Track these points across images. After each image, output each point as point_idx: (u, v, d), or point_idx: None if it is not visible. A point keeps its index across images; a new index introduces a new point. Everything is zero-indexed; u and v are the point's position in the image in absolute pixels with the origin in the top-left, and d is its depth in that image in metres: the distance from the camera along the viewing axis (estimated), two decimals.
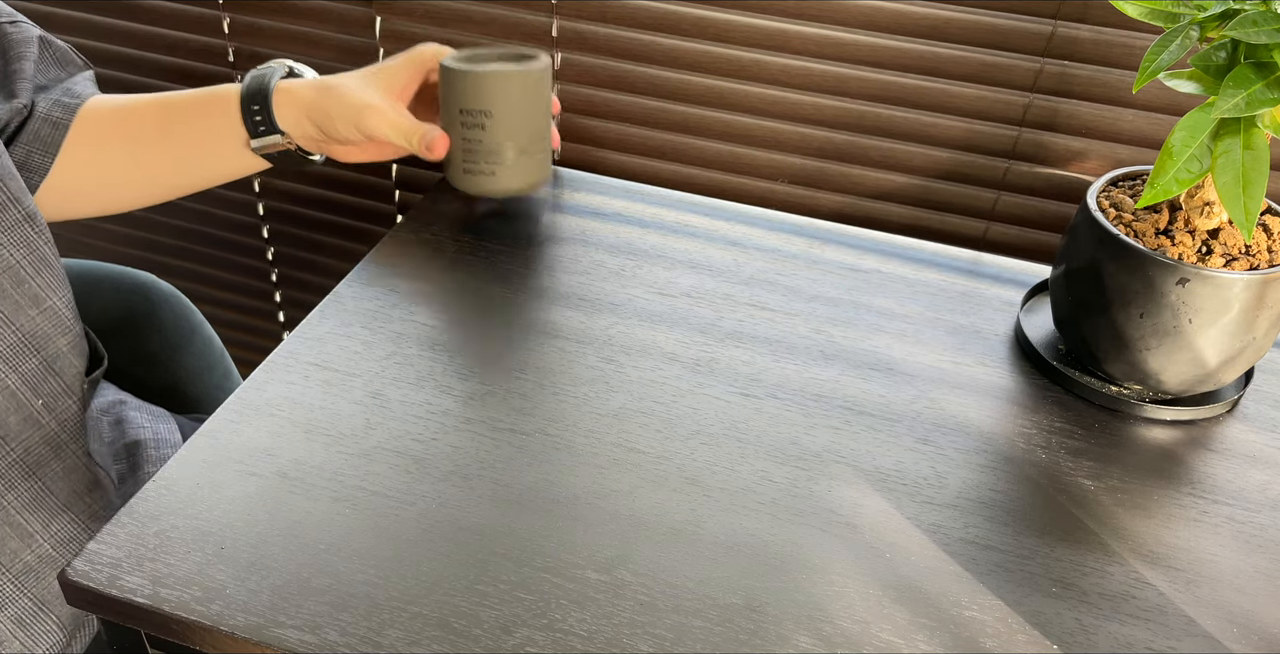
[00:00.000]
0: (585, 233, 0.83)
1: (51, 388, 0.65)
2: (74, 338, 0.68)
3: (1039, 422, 0.68)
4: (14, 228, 0.63)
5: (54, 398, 0.65)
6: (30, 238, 0.64)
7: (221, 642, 0.52)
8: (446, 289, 0.76)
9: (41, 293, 0.65)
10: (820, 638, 0.54)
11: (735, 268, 0.80)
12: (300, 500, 0.59)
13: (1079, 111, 0.81)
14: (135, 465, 0.75)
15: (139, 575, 0.54)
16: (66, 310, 0.67)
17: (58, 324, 0.66)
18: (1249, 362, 0.67)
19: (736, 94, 0.88)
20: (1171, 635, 0.55)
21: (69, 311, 0.67)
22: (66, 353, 0.67)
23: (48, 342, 0.65)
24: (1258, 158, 0.58)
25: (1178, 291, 0.63)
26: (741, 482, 0.62)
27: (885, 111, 0.85)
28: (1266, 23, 0.54)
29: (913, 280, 0.80)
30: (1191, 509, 0.62)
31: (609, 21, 0.88)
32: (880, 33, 0.82)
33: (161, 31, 1.02)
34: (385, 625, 0.53)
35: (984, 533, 0.60)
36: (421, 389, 0.67)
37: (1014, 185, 0.86)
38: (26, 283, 0.64)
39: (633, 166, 0.95)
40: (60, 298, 0.66)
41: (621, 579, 0.56)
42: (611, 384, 0.68)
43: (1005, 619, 0.55)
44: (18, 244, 0.63)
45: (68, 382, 0.67)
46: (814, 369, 0.71)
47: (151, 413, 0.80)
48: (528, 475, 0.61)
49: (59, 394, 0.66)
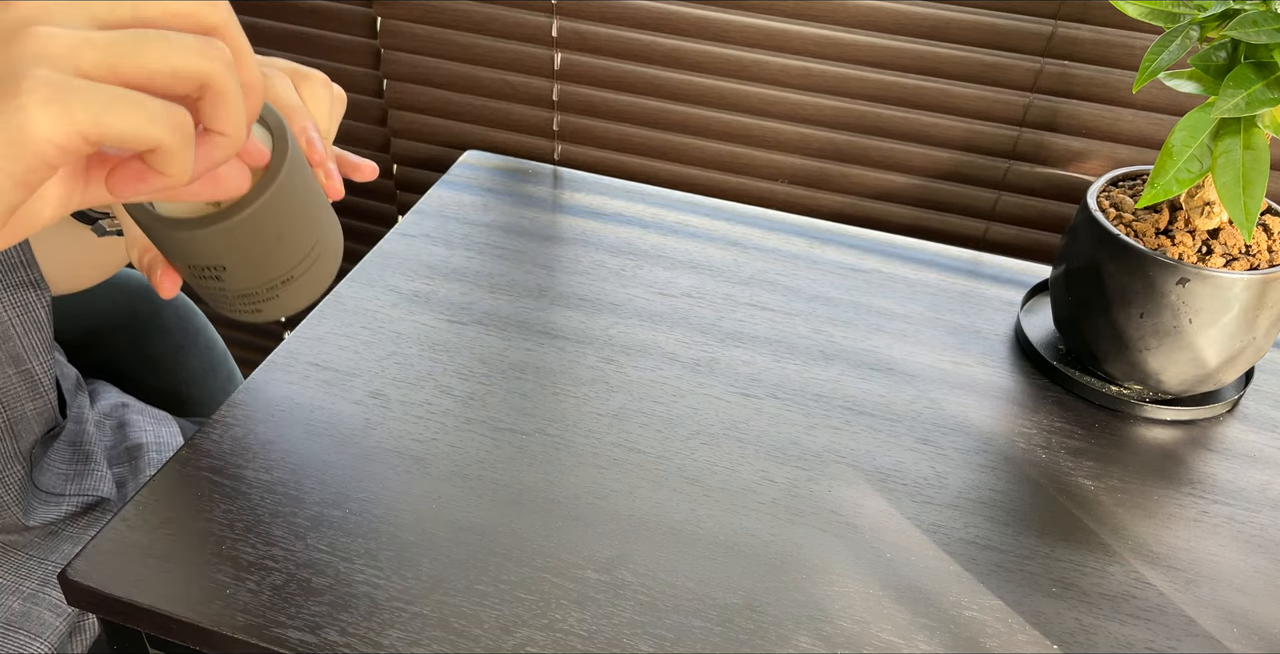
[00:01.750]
0: (585, 233, 0.83)
1: (5, 450, 0.64)
2: (43, 405, 0.66)
3: (1039, 422, 0.68)
4: (16, 289, 0.63)
5: (4, 461, 0.64)
6: (29, 301, 0.64)
7: (221, 642, 0.52)
8: (447, 289, 0.76)
9: (24, 354, 0.64)
10: (820, 638, 0.54)
11: (735, 268, 0.80)
12: (300, 500, 0.59)
13: (1079, 111, 0.81)
14: (137, 469, 0.75)
15: (139, 575, 0.54)
16: (44, 376, 0.66)
17: (31, 388, 0.65)
18: (1249, 362, 0.67)
19: (736, 94, 0.88)
20: (1171, 635, 0.55)
21: (46, 378, 0.66)
22: (30, 417, 0.66)
23: (15, 403, 0.64)
24: (1258, 158, 0.58)
25: (1178, 291, 0.63)
26: (741, 482, 0.62)
27: (885, 112, 0.85)
28: (1266, 23, 0.54)
29: (913, 280, 0.80)
30: (1191, 509, 0.62)
31: (609, 21, 0.88)
32: (880, 33, 0.82)
33: None
34: (385, 625, 0.53)
35: (984, 533, 0.60)
36: (421, 389, 0.67)
37: (1014, 185, 0.86)
38: (12, 341, 0.63)
39: (633, 167, 0.95)
40: (41, 363, 0.65)
41: (621, 579, 0.56)
42: (611, 384, 0.68)
43: (1005, 619, 0.55)
44: (15, 304, 0.63)
45: (22, 447, 0.65)
46: (814, 369, 0.71)
47: (154, 416, 0.80)
48: (528, 475, 0.61)
49: (9, 458, 0.64)
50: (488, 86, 0.95)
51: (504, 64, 0.93)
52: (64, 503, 0.69)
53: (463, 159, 0.93)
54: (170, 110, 0.33)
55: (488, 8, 0.90)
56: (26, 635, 0.65)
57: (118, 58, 0.32)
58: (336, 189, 0.50)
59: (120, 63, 0.32)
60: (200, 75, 0.34)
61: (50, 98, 0.31)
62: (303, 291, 0.51)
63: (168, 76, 0.33)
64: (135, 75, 0.33)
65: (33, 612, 0.65)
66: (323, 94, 0.50)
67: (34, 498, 0.67)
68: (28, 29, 0.32)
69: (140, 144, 0.33)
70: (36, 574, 0.67)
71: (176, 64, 0.33)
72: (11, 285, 0.63)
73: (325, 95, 0.50)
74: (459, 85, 0.95)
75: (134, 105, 0.32)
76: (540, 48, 0.91)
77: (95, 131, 0.32)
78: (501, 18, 0.90)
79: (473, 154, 0.94)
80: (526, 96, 0.94)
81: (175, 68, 0.33)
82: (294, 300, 0.51)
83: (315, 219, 0.49)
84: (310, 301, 0.53)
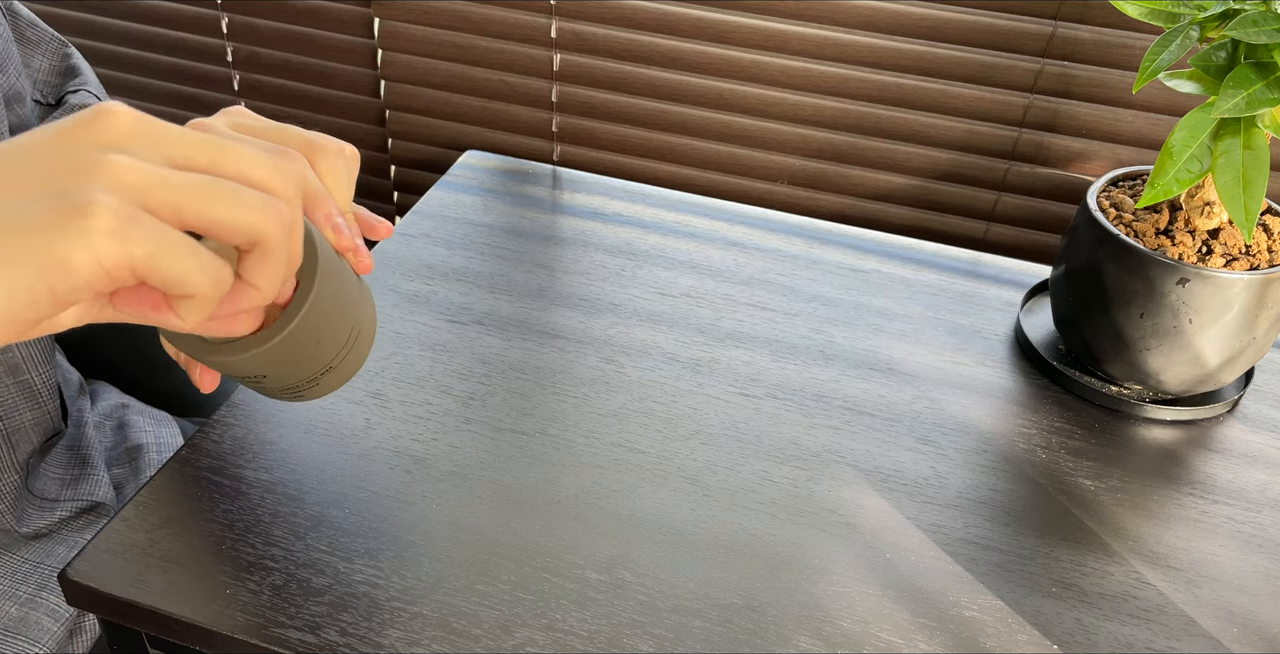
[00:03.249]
0: (585, 233, 0.83)
1: (1, 460, 0.64)
2: (41, 415, 0.66)
3: (1039, 422, 0.68)
4: None
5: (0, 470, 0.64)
6: None
7: (221, 642, 0.52)
8: (447, 289, 0.76)
9: (23, 364, 0.63)
10: (820, 638, 0.53)
11: (735, 268, 0.80)
12: (300, 500, 0.59)
13: (1079, 112, 0.81)
14: (137, 470, 0.75)
15: (139, 575, 0.54)
16: (43, 387, 0.65)
17: (29, 398, 0.65)
18: (1249, 362, 0.67)
19: (736, 95, 0.88)
20: (1171, 635, 0.55)
21: (45, 388, 0.66)
22: (28, 427, 0.65)
23: (13, 413, 0.64)
24: (1258, 158, 0.58)
25: (1178, 291, 0.63)
26: (741, 482, 0.62)
27: (885, 112, 0.85)
28: (1266, 23, 0.54)
29: (913, 280, 0.80)
30: (1191, 509, 0.62)
31: (608, 22, 0.88)
32: (880, 33, 0.82)
33: (161, 32, 1.02)
34: (385, 625, 0.53)
35: (984, 533, 0.60)
36: (421, 389, 0.67)
37: (1014, 186, 0.86)
38: (10, 351, 0.63)
39: (632, 167, 0.95)
40: (40, 373, 0.65)
41: (621, 579, 0.56)
42: (611, 384, 0.68)
43: (1005, 619, 0.55)
44: None
45: (19, 456, 0.65)
46: (814, 369, 0.71)
47: (154, 417, 0.80)
48: (528, 475, 0.61)
49: (4, 468, 0.64)
50: (486, 87, 0.95)
51: (503, 65, 0.93)
52: (59, 508, 0.69)
53: (462, 159, 0.93)
54: (219, 266, 0.34)
55: (486, 9, 0.90)
56: (25, 641, 0.65)
57: (186, 202, 0.34)
58: (366, 265, 0.49)
59: (187, 207, 0.34)
60: (257, 234, 0.35)
61: (115, 229, 0.32)
62: (344, 374, 0.52)
63: (226, 228, 0.34)
64: (197, 221, 0.34)
65: (30, 617, 0.65)
66: (339, 167, 0.47)
67: (28, 504, 0.67)
68: (108, 155, 0.33)
69: (179, 290, 0.34)
70: (33, 579, 0.66)
71: (239, 219, 0.34)
72: None
73: (342, 167, 0.47)
74: (457, 86, 0.95)
75: (189, 253, 0.33)
76: (539, 49, 0.91)
77: (145, 268, 0.33)
78: (500, 19, 0.90)
79: (472, 154, 0.93)
80: (525, 97, 0.94)
81: (236, 222, 0.34)
82: (335, 383, 0.52)
83: (349, 310, 0.48)
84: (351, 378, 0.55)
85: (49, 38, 0.68)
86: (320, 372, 0.49)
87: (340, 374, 0.51)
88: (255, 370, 0.46)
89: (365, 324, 0.50)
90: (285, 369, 0.47)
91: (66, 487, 0.70)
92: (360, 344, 0.51)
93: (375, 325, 0.52)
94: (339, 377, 0.51)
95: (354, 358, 0.51)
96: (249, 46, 1.00)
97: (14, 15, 0.65)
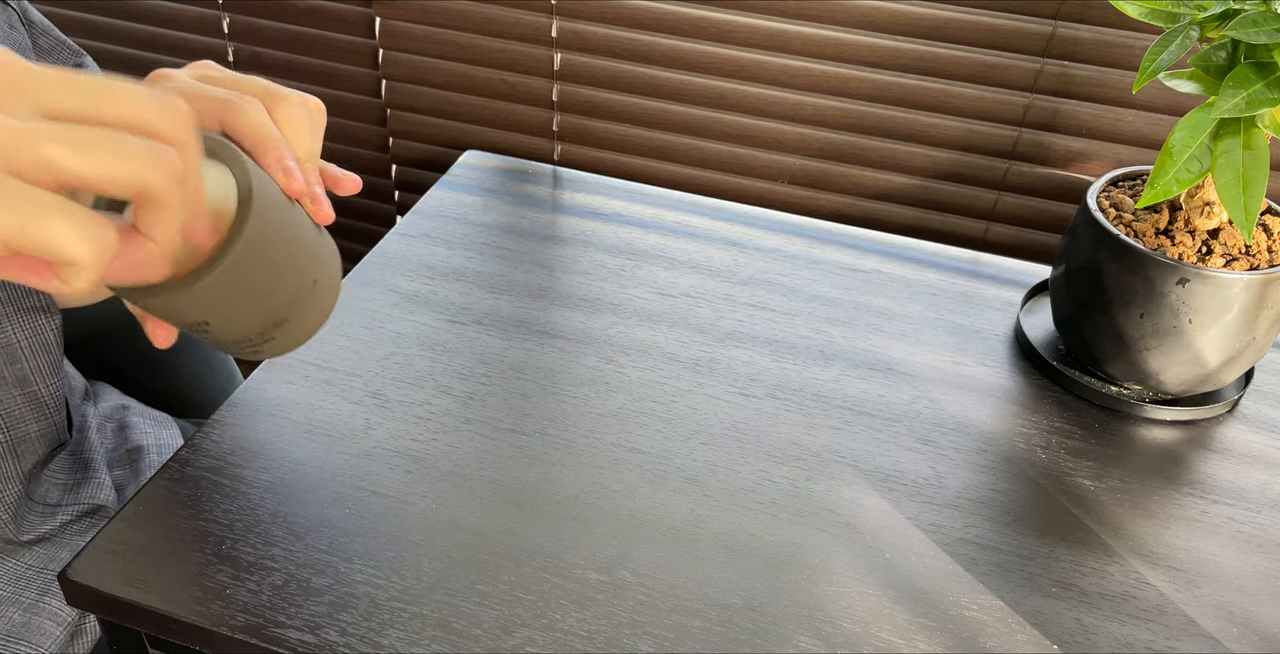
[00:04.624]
0: (585, 233, 0.83)
1: (5, 470, 0.64)
2: (47, 426, 0.66)
3: (1039, 422, 0.68)
4: (28, 312, 0.62)
5: (3, 480, 0.64)
6: (40, 325, 0.63)
7: (221, 642, 0.52)
8: (446, 289, 0.76)
9: (30, 377, 0.63)
10: (820, 638, 0.54)
11: (735, 268, 0.80)
12: (300, 500, 0.59)
13: (1079, 112, 0.81)
14: (138, 471, 0.75)
15: (139, 575, 0.54)
16: (50, 399, 0.65)
17: (36, 409, 0.65)
18: (1249, 362, 0.67)
19: (736, 94, 0.88)
20: (1171, 635, 0.55)
21: (52, 400, 0.65)
22: (34, 438, 0.65)
23: (20, 424, 0.64)
24: (1258, 158, 0.58)
25: (1178, 291, 0.63)
26: (741, 482, 0.62)
27: (885, 112, 0.85)
28: (1266, 23, 0.54)
29: (913, 280, 0.80)
30: (1191, 509, 0.62)
31: (609, 22, 0.88)
32: (880, 33, 0.82)
33: (161, 32, 1.02)
34: (385, 625, 0.53)
35: (984, 533, 0.60)
36: (421, 389, 0.67)
37: (1014, 186, 0.86)
38: (19, 363, 0.63)
39: (632, 167, 0.95)
40: (48, 385, 0.65)
41: (621, 579, 0.56)
42: (611, 384, 0.68)
43: (1005, 619, 0.55)
44: (24, 326, 0.62)
45: (24, 467, 0.65)
46: (814, 369, 0.71)
47: (154, 419, 0.80)
48: (528, 475, 0.61)
49: (8, 477, 0.64)
50: (487, 87, 0.95)
51: (503, 64, 0.93)
52: (60, 513, 0.69)
53: (462, 159, 0.93)
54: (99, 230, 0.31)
55: (487, 8, 0.90)
56: (28, 646, 0.65)
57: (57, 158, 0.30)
58: (325, 214, 0.47)
59: (59, 164, 0.30)
60: (141, 186, 0.32)
61: None
62: (301, 329, 0.49)
63: (105, 183, 0.31)
64: (71, 178, 0.31)
65: (33, 622, 0.65)
66: (299, 116, 0.47)
67: (29, 511, 0.67)
68: None
69: (59, 259, 0.31)
70: (35, 584, 0.66)
71: (119, 172, 0.31)
72: (23, 309, 0.62)
73: (302, 117, 0.47)
74: (458, 85, 0.95)
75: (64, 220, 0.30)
76: (540, 48, 0.91)
77: (15, 240, 0.30)
78: (501, 18, 0.90)
79: (472, 154, 0.94)
80: (526, 97, 0.94)
81: (117, 176, 0.31)
82: (293, 339, 0.49)
83: (299, 259, 0.45)
84: (312, 336, 0.51)
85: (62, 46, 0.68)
86: (273, 323, 0.47)
87: (299, 328, 0.48)
88: (193, 316, 0.43)
89: (324, 274, 0.47)
90: (227, 317, 0.44)
91: (69, 491, 0.70)
92: (319, 296, 0.48)
93: (339, 278, 0.50)
94: (298, 331, 0.48)
95: (313, 311, 0.48)
96: (250, 47, 1.00)
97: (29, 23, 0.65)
